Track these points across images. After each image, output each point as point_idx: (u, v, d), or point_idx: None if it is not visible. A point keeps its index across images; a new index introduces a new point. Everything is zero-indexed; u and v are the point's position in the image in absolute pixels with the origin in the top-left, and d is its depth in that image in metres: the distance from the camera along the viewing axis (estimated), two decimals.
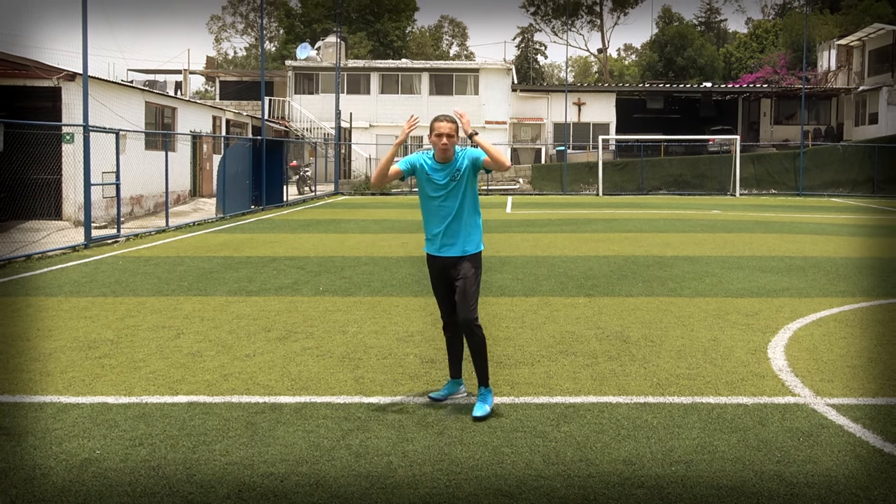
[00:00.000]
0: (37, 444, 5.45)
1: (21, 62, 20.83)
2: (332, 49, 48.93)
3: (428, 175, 6.45)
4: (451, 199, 6.41)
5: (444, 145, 6.31)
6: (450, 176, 6.40)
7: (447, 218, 6.40)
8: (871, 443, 5.49)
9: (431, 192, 6.46)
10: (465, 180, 6.42)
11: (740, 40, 76.19)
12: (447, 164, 6.42)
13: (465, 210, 6.45)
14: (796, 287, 11.72)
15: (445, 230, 6.41)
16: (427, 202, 6.54)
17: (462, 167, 6.41)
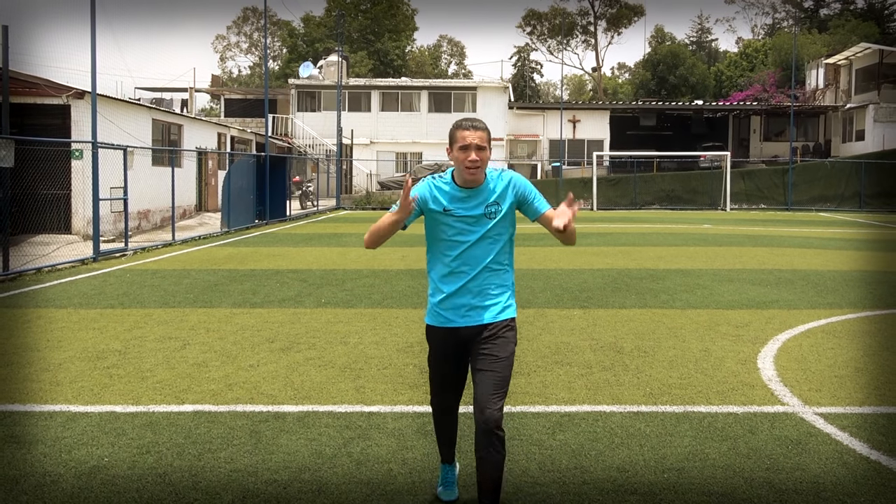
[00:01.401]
0: (47, 451, 5.45)
1: (32, 80, 20.84)
2: (334, 68, 49.03)
3: (446, 209, 4.35)
4: (484, 242, 4.35)
5: (474, 163, 4.26)
6: (482, 208, 4.35)
7: (474, 269, 4.36)
8: (858, 450, 5.49)
9: (451, 233, 4.37)
10: (506, 218, 4.38)
11: (731, 59, 76.33)
12: (475, 189, 4.34)
13: (501, 259, 4.42)
14: (785, 299, 11.73)
15: (469, 287, 4.37)
16: (441, 247, 4.42)
17: (502, 197, 4.38)
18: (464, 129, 4.28)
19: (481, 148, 4.25)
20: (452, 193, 4.35)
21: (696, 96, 66.94)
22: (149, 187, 24.40)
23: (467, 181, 4.30)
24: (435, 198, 4.36)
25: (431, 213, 4.36)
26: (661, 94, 68.54)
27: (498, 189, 4.37)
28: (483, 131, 4.30)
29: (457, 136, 4.30)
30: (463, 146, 4.26)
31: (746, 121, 55.39)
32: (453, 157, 4.31)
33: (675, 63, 70.33)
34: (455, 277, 4.37)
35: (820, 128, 53.42)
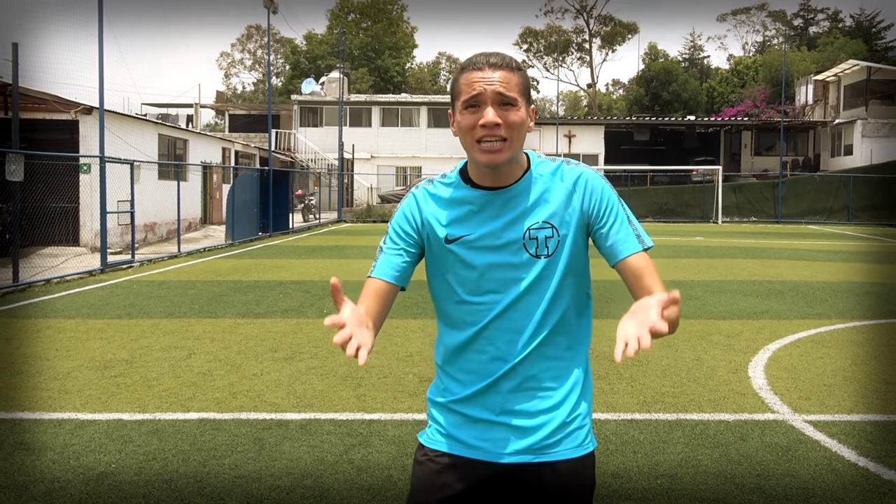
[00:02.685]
0: (55, 458, 5.46)
1: (41, 97, 20.88)
2: (336, 84, 49.10)
3: (450, 236, 2.35)
4: (530, 300, 2.32)
5: (492, 130, 2.21)
6: (519, 229, 2.31)
7: (513, 353, 2.33)
8: (846, 457, 5.50)
9: (461, 281, 2.36)
10: (571, 252, 2.33)
11: (722, 76, 76.46)
12: (503, 191, 2.32)
13: (565, 333, 2.37)
14: (775, 310, 11.74)
15: (505, 380, 2.34)
16: (448, 307, 2.43)
17: (562, 211, 2.33)
18: (474, 67, 2.22)
19: (507, 102, 2.19)
20: (460, 199, 2.33)
21: (688, 112, 67.03)
22: (155, 201, 24.43)
23: (484, 172, 2.29)
24: (429, 217, 2.37)
25: (428, 246, 2.40)
26: (654, 110, 68.65)
27: (554, 193, 2.31)
28: (509, 70, 2.21)
29: (460, 85, 2.25)
30: (470, 99, 2.20)
31: (738, 136, 55.43)
32: (458, 130, 2.27)
33: (668, 79, 70.44)
34: (477, 365, 2.34)
35: (809, 143, 53.48)
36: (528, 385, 2.34)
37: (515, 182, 2.33)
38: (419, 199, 2.44)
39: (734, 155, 55.22)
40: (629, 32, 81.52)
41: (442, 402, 2.45)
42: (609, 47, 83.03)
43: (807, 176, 44.09)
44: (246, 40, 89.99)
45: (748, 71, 72.46)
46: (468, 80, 2.25)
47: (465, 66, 2.30)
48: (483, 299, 2.33)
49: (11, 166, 14.18)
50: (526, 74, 2.32)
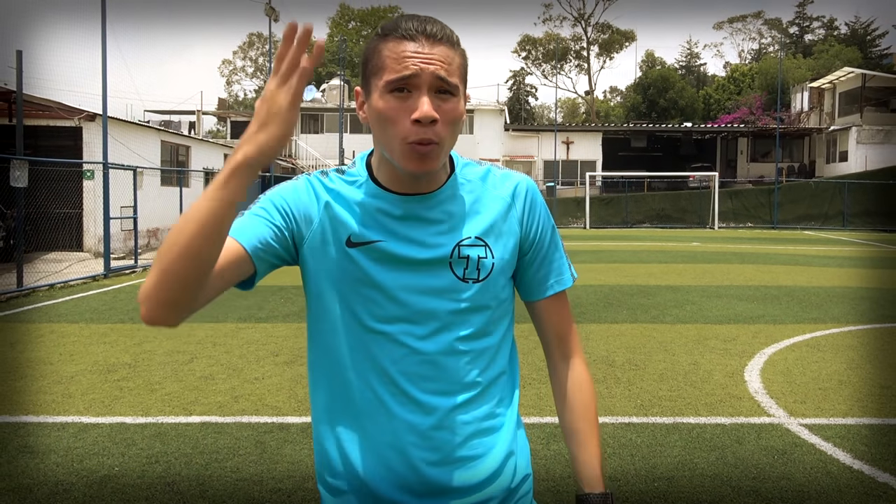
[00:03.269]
0: (59, 461, 5.46)
1: (45, 103, 20.89)
2: (336, 91, 49.19)
3: (353, 238, 1.77)
4: (455, 326, 1.78)
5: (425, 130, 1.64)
6: (446, 245, 1.78)
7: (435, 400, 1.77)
8: (841, 460, 5.51)
9: (368, 307, 1.76)
10: (500, 271, 1.83)
11: (719, 83, 76.56)
12: (427, 198, 1.78)
13: (500, 369, 1.88)
14: (771, 314, 11.75)
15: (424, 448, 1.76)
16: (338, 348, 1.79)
17: (498, 227, 1.84)
18: (405, 36, 1.67)
19: (446, 90, 1.68)
20: (369, 205, 1.79)
21: (685, 119, 67.09)
22: (158, 206, 24.43)
23: (409, 173, 1.71)
24: (326, 212, 1.80)
25: (316, 251, 1.79)
26: (651, 117, 68.71)
27: (487, 203, 1.85)
28: (450, 46, 1.70)
29: (383, 57, 1.69)
30: (399, 81, 1.65)
31: (734, 142, 55.49)
32: (375, 119, 1.71)
33: (665, 87, 70.52)
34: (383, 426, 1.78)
35: (805, 149, 53.52)
36: (458, 455, 1.78)
37: (440, 187, 1.80)
38: (315, 187, 1.83)
39: (730, 161, 55.30)
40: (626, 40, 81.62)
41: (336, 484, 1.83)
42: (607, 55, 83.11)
43: (802, 182, 44.10)
44: (247, 48, 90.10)
45: (744, 78, 72.56)
46: (397, 53, 1.66)
47: (391, 31, 1.70)
48: (393, 329, 1.76)
49: (16, 172, 14.19)
50: (465, 53, 1.76)
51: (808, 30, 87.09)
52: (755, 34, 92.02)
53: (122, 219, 18.80)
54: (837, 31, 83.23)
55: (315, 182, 1.83)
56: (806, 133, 52.14)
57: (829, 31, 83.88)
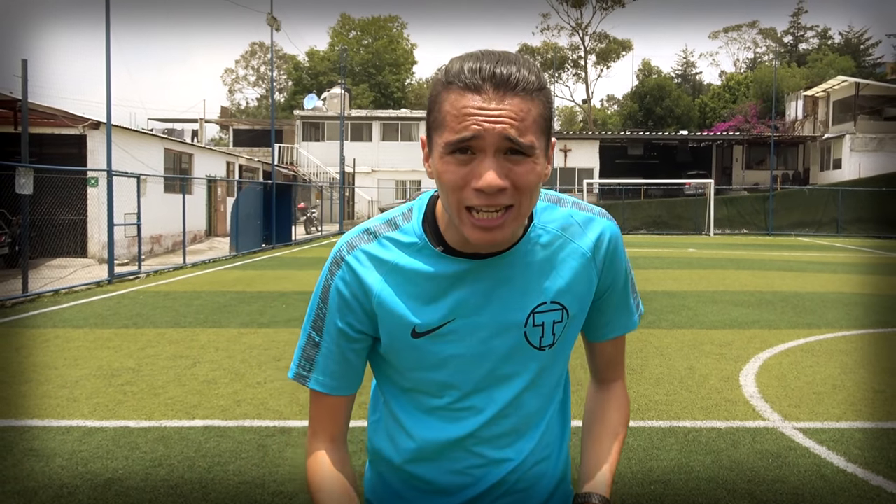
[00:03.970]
0: (64, 464, 5.46)
1: (50, 112, 20.91)
2: (337, 100, 49.20)
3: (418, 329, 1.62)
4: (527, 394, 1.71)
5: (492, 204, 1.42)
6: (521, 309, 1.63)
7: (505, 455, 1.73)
8: (835, 463, 5.51)
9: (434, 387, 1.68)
10: (572, 330, 1.72)
11: (714, 91, 76.62)
12: (494, 259, 1.59)
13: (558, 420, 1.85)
14: (766, 320, 11.75)
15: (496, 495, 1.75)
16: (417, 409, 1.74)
17: (576, 285, 1.67)
18: (469, 87, 1.41)
19: (519, 151, 1.42)
20: (428, 273, 1.60)
21: (681, 127, 67.12)
22: (161, 213, 24.42)
23: (474, 244, 1.55)
24: (382, 296, 1.62)
25: (384, 345, 1.70)
26: (648, 125, 68.73)
27: (565, 260, 1.67)
28: (526, 97, 1.42)
29: (443, 111, 1.44)
30: (459, 142, 1.41)
31: (729, 150, 55.51)
32: (437, 181, 1.49)
33: (662, 95, 70.55)
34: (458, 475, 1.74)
35: (799, 157, 53.57)
36: (519, 488, 1.76)
37: (514, 245, 1.61)
38: (360, 273, 1.61)
39: (726, 169, 55.31)
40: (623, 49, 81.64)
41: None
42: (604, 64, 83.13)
43: (797, 189, 44.13)
44: (249, 57, 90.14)
45: (739, 87, 72.61)
46: (458, 109, 1.41)
47: (454, 79, 1.44)
48: (464, 405, 1.68)
49: (21, 180, 14.20)
50: (549, 95, 1.48)
51: (802, 39, 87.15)
52: (750, 43, 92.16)
53: (125, 225, 18.79)
54: (831, 40, 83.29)
55: (360, 263, 1.62)
56: (800, 141, 52.17)
57: (823, 41, 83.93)
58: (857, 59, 74.41)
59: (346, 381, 1.70)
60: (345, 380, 1.70)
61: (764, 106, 61.95)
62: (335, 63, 68.66)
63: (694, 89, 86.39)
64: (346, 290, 1.62)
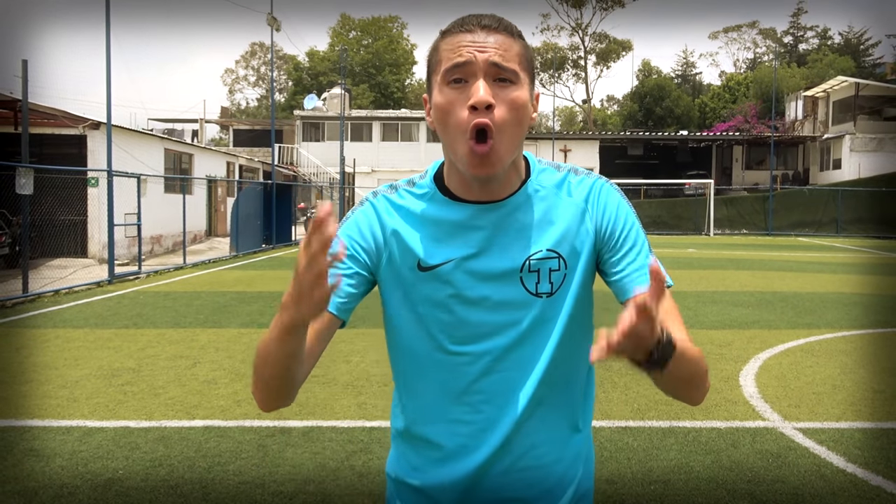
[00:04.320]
0: (64, 464, 5.46)
1: (50, 112, 20.91)
2: (337, 100, 49.18)
3: (423, 263, 1.74)
4: (530, 346, 1.75)
5: (484, 120, 1.58)
6: (518, 257, 1.73)
7: (511, 411, 1.76)
8: (835, 463, 5.51)
9: (441, 325, 1.76)
10: (580, 286, 1.79)
11: (714, 92, 76.62)
12: (494, 207, 1.73)
13: (570, 383, 1.84)
14: (766, 320, 11.75)
15: (497, 458, 1.78)
16: (419, 361, 1.80)
17: (570, 236, 1.76)
18: (461, 29, 1.67)
19: (505, 78, 1.63)
20: (437, 217, 1.76)
21: (681, 127, 67.09)
22: (161, 213, 24.43)
23: (473, 178, 1.69)
24: (395, 234, 1.78)
25: (391, 277, 1.79)
26: (647, 125, 68.73)
27: (561, 212, 1.77)
28: (508, 35, 1.66)
29: (440, 52, 1.69)
30: (453, 70, 1.63)
31: (729, 150, 55.50)
32: (435, 115, 1.67)
33: (662, 95, 70.54)
34: (461, 439, 1.79)
35: (799, 157, 53.56)
36: (525, 463, 1.79)
37: (512, 194, 1.74)
38: (380, 211, 1.80)
39: (725, 169, 55.29)
40: (623, 49, 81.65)
41: (415, 484, 1.85)
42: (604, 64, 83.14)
43: (796, 189, 44.15)
44: (250, 57, 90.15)
45: (739, 87, 72.61)
46: (453, 45, 1.64)
47: (448, 29, 1.69)
48: (469, 349, 1.74)
49: (21, 180, 14.20)
50: (528, 45, 1.71)
51: (802, 39, 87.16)
52: (750, 43, 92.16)
53: (126, 225, 18.79)
54: (831, 40, 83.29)
55: (381, 204, 1.81)
56: (800, 141, 52.16)
57: (822, 41, 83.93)
58: (857, 60, 74.40)
59: (335, 298, 1.73)
60: (332, 297, 1.71)
61: (764, 106, 61.94)
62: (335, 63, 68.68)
63: (694, 89, 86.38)
64: (364, 220, 1.79)
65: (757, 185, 49.10)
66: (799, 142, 52.37)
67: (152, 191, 24.18)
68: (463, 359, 1.75)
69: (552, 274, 1.73)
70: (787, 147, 53.28)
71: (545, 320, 1.74)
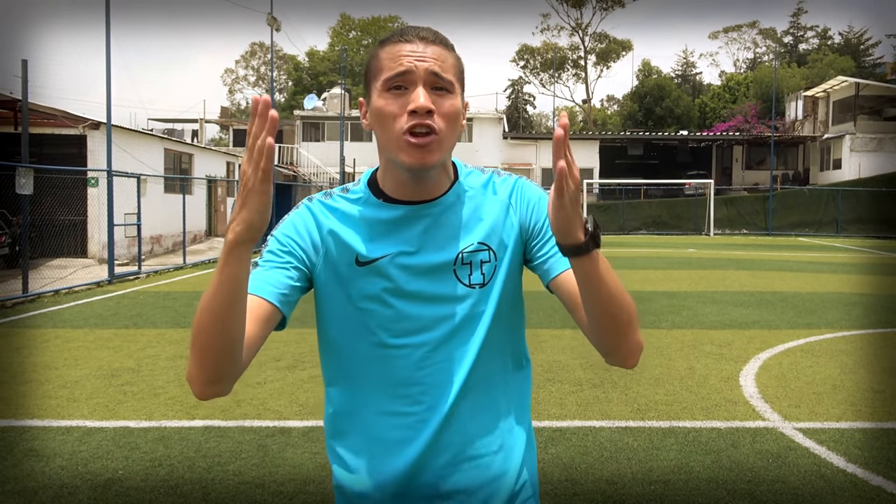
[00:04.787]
0: (64, 464, 5.46)
1: (50, 112, 20.92)
2: (337, 100, 49.22)
3: (361, 258, 1.81)
4: (462, 338, 1.82)
5: (423, 124, 1.68)
6: (450, 251, 1.82)
7: (442, 404, 1.80)
8: (835, 463, 5.51)
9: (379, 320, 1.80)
10: (509, 277, 1.87)
11: (714, 92, 76.63)
12: (429, 205, 1.82)
13: (503, 372, 1.91)
14: (766, 320, 11.75)
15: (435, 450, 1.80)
16: (354, 357, 1.85)
17: (499, 229, 1.86)
18: (400, 39, 1.75)
19: (442, 87, 1.72)
20: (372, 218, 1.83)
21: (681, 127, 67.11)
22: (161, 213, 24.44)
23: (404, 180, 1.80)
24: (330, 237, 1.84)
25: (328, 274, 1.83)
26: (647, 125, 68.73)
27: (488, 209, 1.87)
28: (444, 48, 1.76)
29: (380, 60, 1.76)
30: (395, 78, 1.72)
31: (729, 150, 55.52)
32: (374, 120, 1.76)
33: (662, 95, 70.55)
34: (397, 433, 1.82)
35: (799, 157, 53.56)
36: (464, 455, 1.81)
37: (443, 194, 1.84)
38: (315, 213, 1.87)
39: (726, 169, 55.31)
40: (623, 49, 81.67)
41: (361, 488, 1.85)
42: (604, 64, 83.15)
43: (796, 189, 44.15)
44: (250, 57, 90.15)
45: (739, 87, 72.62)
46: (393, 54, 1.73)
47: (388, 39, 1.78)
48: (407, 341, 1.79)
49: (21, 180, 14.21)
50: (460, 59, 1.82)
51: (802, 39, 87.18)
52: (750, 43, 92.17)
53: (125, 225, 18.80)
54: (831, 40, 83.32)
55: (316, 207, 1.88)
56: (800, 141, 52.17)
57: (822, 41, 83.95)
58: (857, 60, 74.42)
59: (270, 286, 1.76)
60: (268, 285, 1.76)
61: (764, 106, 61.97)
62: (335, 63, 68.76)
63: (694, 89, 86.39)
64: (300, 220, 1.86)
65: (757, 185, 49.12)
66: (799, 142, 52.38)
67: (152, 191, 24.18)
68: (401, 351, 1.79)
69: (483, 265, 1.82)
70: (787, 147, 53.29)
71: (478, 311, 1.82)
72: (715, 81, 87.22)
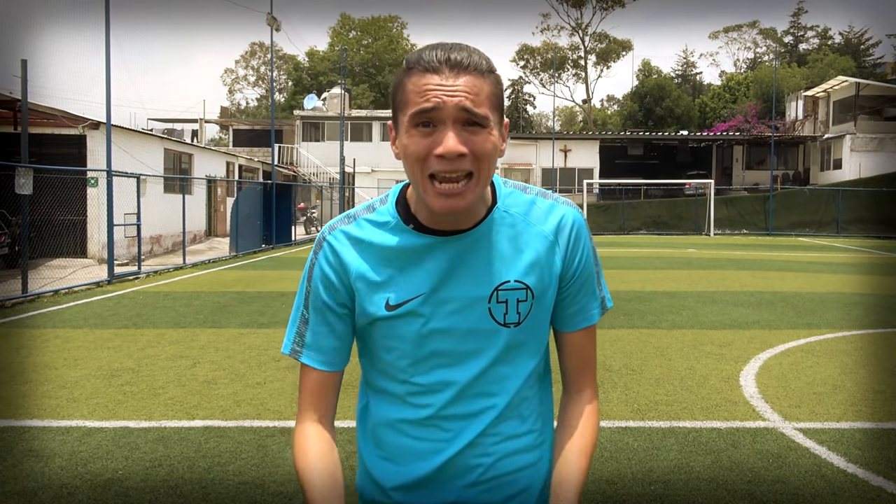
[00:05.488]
0: (64, 465, 5.46)
1: (49, 112, 20.90)
2: (337, 100, 49.18)
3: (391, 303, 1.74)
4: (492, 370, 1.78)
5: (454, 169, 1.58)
6: (485, 285, 1.74)
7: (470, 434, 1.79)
8: (836, 464, 5.51)
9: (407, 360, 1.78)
10: (544, 316, 1.82)
11: (714, 92, 76.63)
12: (460, 238, 1.73)
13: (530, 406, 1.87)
14: (766, 320, 11.75)
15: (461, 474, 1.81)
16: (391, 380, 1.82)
17: (539, 265, 1.76)
18: (427, 68, 1.58)
19: (475, 122, 1.59)
20: (400, 249, 1.74)
21: (681, 127, 67.13)
22: (161, 213, 24.43)
23: (439, 212, 1.66)
24: (360, 282, 1.76)
25: (361, 318, 1.79)
26: (648, 125, 68.74)
27: (529, 241, 1.77)
28: (477, 75, 1.60)
29: (407, 91, 1.62)
30: (421, 114, 1.59)
31: (729, 150, 55.53)
32: (403, 156, 1.66)
33: (662, 95, 70.55)
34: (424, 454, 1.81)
35: (799, 157, 53.58)
36: (489, 474, 1.82)
37: (478, 223, 1.73)
38: (340, 252, 1.77)
39: (726, 169, 55.32)
40: (623, 49, 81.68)
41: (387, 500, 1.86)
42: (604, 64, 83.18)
43: (797, 189, 44.15)
44: (249, 57, 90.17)
45: (739, 87, 72.62)
46: (419, 87, 1.58)
47: (414, 64, 1.60)
48: (433, 379, 1.77)
49: (21, 180, 14.20)
50: (499, 78, 1.66)
51: (802, 39, 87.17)
52: (750, 43, 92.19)
53: (125, 225, 18.79)
54: (831, 40, 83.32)
55: (340, 242, 1.79)
56: (800, 141, 52.18)
57: (823, 41, 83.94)
58: (857, 59, 74.42)
59: (335, 356, 1.80)
60: (333, 355, 1.80)
61: (764, 106, 61.98)
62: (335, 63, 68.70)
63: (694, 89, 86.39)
64: (328, 268, 1.77)
65: (757, 185, 49.12)
66: (799, 142, 52.40)
67: (152, 191, 24.18)
68: (428, 389, 1.78)
69: (520, 304, 1.75)
70: (787, 147, 53.31)
71: (511, 348, 1.77)
72: (715, 81, 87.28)
